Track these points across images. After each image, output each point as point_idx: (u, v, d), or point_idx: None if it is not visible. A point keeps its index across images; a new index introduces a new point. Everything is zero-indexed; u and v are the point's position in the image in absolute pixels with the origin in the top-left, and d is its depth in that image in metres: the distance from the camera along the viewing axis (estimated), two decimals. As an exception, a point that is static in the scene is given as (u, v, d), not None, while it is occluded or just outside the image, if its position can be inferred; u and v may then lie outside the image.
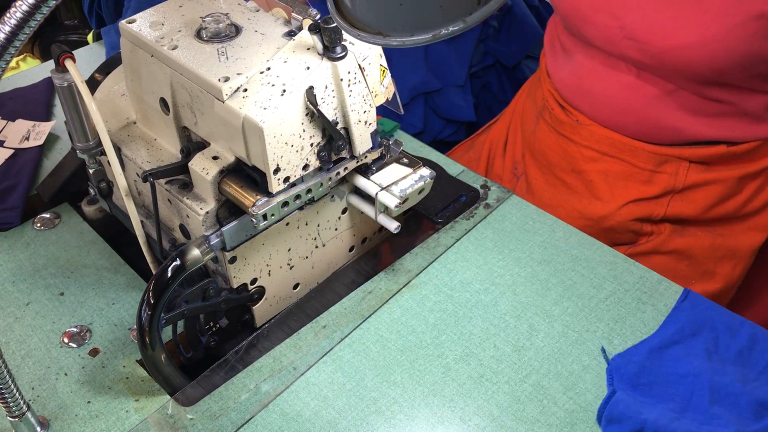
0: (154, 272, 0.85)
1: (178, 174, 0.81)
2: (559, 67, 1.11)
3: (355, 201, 0.88)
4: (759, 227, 1.08)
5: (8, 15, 0.51)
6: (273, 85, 0.73)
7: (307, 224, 0.85)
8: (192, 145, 0.80)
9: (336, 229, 0.90)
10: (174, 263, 0.74)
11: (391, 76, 0.84)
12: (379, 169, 0.85)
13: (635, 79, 0.99)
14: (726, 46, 0.87)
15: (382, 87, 0.81)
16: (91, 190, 0.97)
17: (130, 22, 0.82)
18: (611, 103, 1.03)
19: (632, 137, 1.04)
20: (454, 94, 1.55)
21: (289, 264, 0.86)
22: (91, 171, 0.88)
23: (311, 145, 0.77)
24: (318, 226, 0.87)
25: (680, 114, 0.98)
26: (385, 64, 0.81)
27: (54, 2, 0.49)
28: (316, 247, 0.89)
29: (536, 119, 1.20)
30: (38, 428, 0.74)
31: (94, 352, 0.83)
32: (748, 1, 0.84)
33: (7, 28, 0.50)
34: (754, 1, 0.83)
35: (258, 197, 0.75)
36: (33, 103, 1.22)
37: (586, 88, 1.06)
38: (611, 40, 0.97)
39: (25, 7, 0.50)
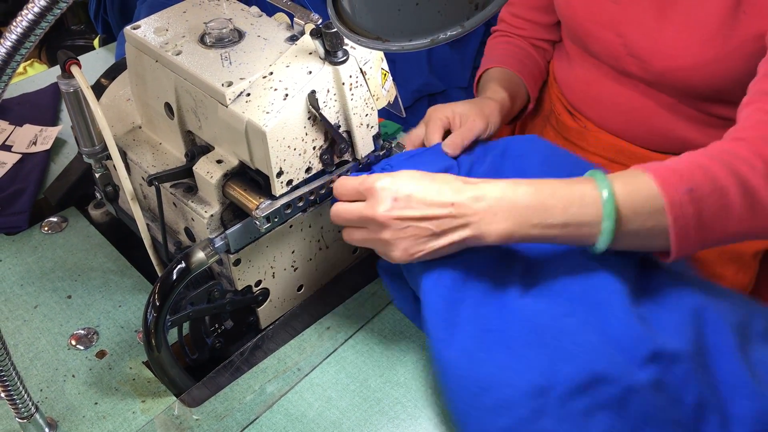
0: (159, 275, 0.86)
1: (183, 178, 0.82)
2: (566, 73, 1.11)
3: (358, 203, 0.88)
4: None
5: (15, 23, 0.52)
6: (275, 90, 0.74)
7: (310, 227, 0.86)
8: (196, 149, 0.81)
9: (339, 232, 0.90)
10: (179, 266, 0.75)
11: (395, 78, 0.85)
12: (381, 172, 0.86)
13: (640, 92, 0.99)
14: (726, 66, 0.86)
15: (384, 90, 0.82)
16: (98, 194, 0.98)
17: (134, 28, 0.83)
18: (619, 111, 1.03)
19: (640, 146, 1.04)
20: (458, 96, 1.56)
21: (293, 266, 0.87)
22: (97, 175, 0.90)
23: (314, 148, 0.78)
24: (321, 228, 0.88)
25: (686, 125, 0.98)
26: (387, 68, 0.82)
27: (59, 10, 0.50)
28: (320, 249, 0.89)
29: (543, 124, 1.20)
30: (46, 429, 0.75)
31: (101, 354, 0.84)
32: (745, 22, 0.84)
33: (14, 36, 0.51)
34: (752, 21, 0.83)
35: (261, 200, 0.76)
36: (40, 108, 1.23)
37: (594, 96, 1.06)
38: (615, 56, 0.97)
39: (31, 16, 0.51)
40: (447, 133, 0.93)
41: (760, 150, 0.72)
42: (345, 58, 0.75)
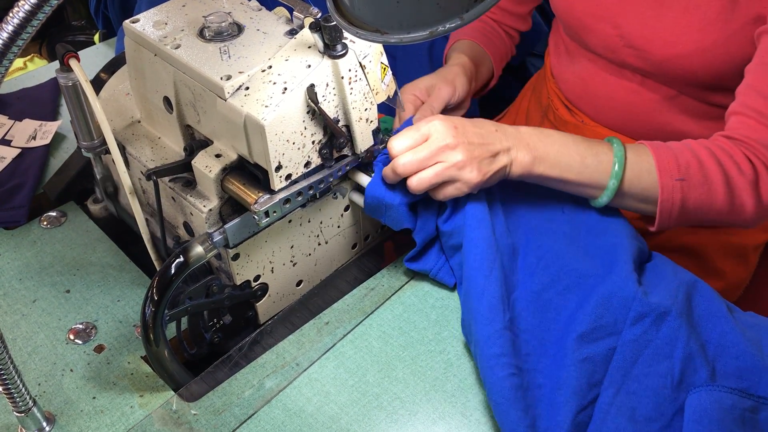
0: (158, 270, 0.86)
1: (182, 172, 0.82)
2: (563, 69, 1.11)
3: (358, 198, 0.88)
4: (764, 227, 1.08)
5: (11, 15, 0.52)
6: (274, 83, 0.74)
7: (309, 221, 0.86)
8: (195, 144, 0.81)
9: (338, 227, 0.90)
10: (177, 260, 0.75)
11: (396, 74, 0.84)
12: (381, 167, 0.86)
13: (638, 85, 0.99)
14: (725, 51, 0.86)
15: (383, 85, 0.82)
16: (98, 193, 0.97)
17: (133, 22, 0.83)
18: (615, 106, 1.03)
19: (637, 140, 1.04)
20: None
21: (292, 261, 0.87)
22: (98, 176, 0.90)
23: (313, 142, 0.77)
24: (320, 223, 0.87)
25: (684, 118, 0.98)
26: (386, 62, 0.81)
27: (55, 2, 0.50)
28: (319, 244, 0.89)
29: (541, 118, 1.20)
30: (44, 423, 0.75)
31: (99, 349, 0.84)
32: (744, 5, 0.83)
33: (10, 28, 0.51)
34: (751, 4, 0.83)
35: (260, 194, 0.76)
36: (40, 102, 1.23)
37: (591, 91, 1.06)
38: (612, 48, 0.97)
39: (27, 7, 0.51)
40: None
41: (750, 156, 0.81)
42: (344, 51, 0.75)
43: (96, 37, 1.91)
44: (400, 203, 0.83)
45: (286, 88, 0.73)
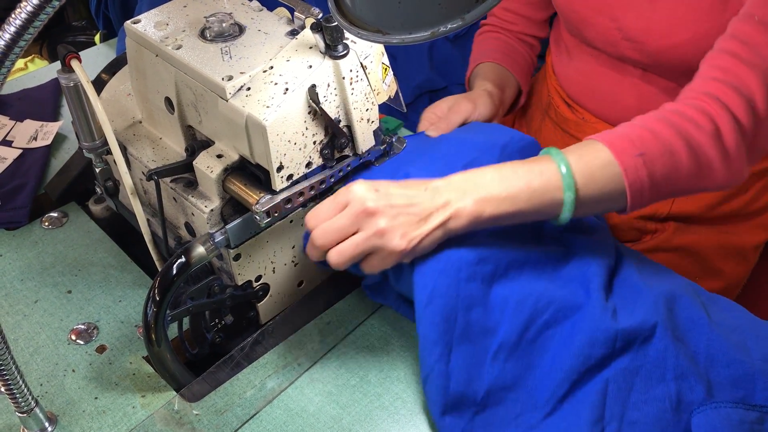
0: (159, 270, 0.86)
1: (183, 172, 0.82)
2: (565, 66, 1.11)
3: (359, 198, 0.88)
4: (764, 226, 1.08)
5: (13, 16, 0.52)
6: (276, 84, 0.74)
7: (311, 222, 0.86)
8: (197, 144, 0.81)
9: (340, 227, 0.90)
10: (179, 260, 0.75)
11: (396, 75, 0.85)
12: (382, 167, 0.86)
13: (638, 79, 0.99)
14: None
15: (385, 85, 0.82)
16: (98, 189, 0.98)
17: (135, 23, 0.83)
18: (617, 101, 1.03)
19: None
20: (459, 93, 1.55)
21: (293, 261, 0.87)
22: (97, 170, 0.90)
23: (314, 142, 0.77)
24: (322, 223, 0.87)
25: None
26: (387, 62, 0.81)
27: (57, 3, 0.50)
28: (320, 244, 0.89)
29: (542, 117, 1.20)
30: (46, 423, 0.75)
31: (101, 349, 0.84)
32: None
33: (12, 29, 0.51)
34: None
35: (262, 195, 0.76)
36: (41, 103, 1.23)
37: (592, 87, 1.06)
38: (611, 42, 0.97)
39: (29, 8, 0.51)
40: None
41: (707, 108, 0.76)
42: (345, 52, 0.75)
43: (97, 38, 1.91)
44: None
45: (287, 89, 0.73)
